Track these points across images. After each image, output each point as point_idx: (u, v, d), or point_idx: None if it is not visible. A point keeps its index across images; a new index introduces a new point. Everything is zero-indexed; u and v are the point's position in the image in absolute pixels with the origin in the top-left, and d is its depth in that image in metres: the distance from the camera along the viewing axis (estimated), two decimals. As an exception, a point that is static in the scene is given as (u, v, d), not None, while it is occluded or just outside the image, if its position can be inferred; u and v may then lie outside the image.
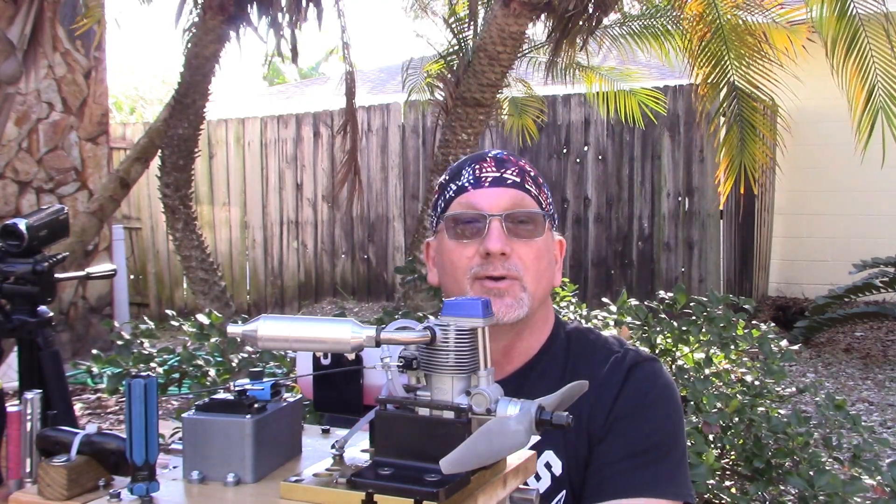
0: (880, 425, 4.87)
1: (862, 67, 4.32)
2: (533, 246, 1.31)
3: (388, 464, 0.84)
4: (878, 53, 4.32)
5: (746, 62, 4.66)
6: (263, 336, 0.88)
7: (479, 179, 1.33)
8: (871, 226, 8.14)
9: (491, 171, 1.34)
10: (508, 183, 1.33)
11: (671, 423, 1.33)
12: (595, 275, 7.87)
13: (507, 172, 1.34)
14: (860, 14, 4.31)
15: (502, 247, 1.28)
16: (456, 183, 1.36)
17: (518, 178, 1.34)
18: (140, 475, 0.83)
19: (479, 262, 1.30)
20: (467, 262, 1.31)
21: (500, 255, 1.29)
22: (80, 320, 7.43)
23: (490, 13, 4.77)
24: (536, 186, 1.36)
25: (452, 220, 1.33)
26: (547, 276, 1.35)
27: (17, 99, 5.85)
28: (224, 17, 4.81)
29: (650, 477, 1.27)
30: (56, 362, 1.80)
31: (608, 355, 1.37)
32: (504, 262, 1.29)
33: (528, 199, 1.33)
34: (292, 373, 2.79)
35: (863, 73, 4.32)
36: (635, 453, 1.28)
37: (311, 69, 22.14)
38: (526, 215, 1.32)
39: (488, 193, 1.32)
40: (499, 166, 1.34)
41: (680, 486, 1.29)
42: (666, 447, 1.30)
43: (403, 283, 4.86)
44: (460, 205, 1.33)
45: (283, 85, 16.95)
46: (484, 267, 1.30)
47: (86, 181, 7.39)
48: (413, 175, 8.63)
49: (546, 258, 1.34)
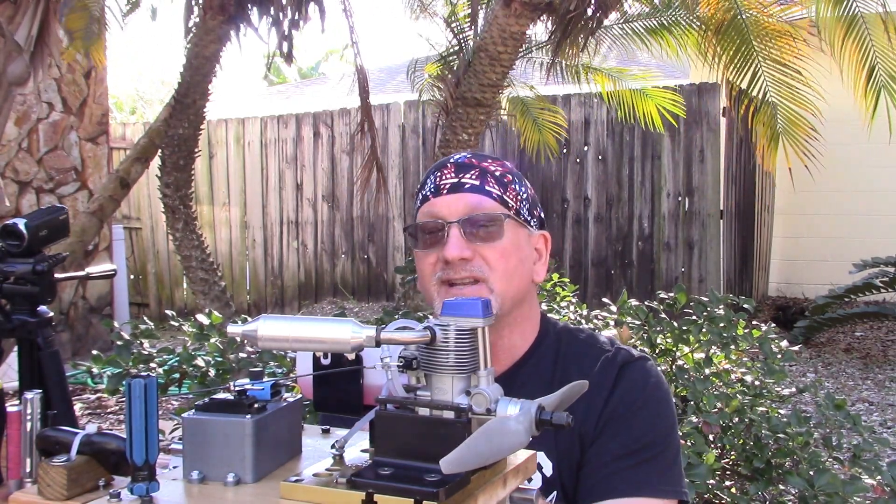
0: (880, 425, 4.87)
1: (861, 47, 4.37)
2: (496, 247, 1.32)
3: (388, 464, 0.84)
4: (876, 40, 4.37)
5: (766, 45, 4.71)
6: (263, 336, 0.88)
7: (438, 187, 1.36)
8: (871, 226, 8.13)
9: (449, 177, 1.36)
10: (466, 188, 1.34)
11: (664, 422, 1.33)
12: (595, 275, 7.87)
13: (465, 177, 1.35)
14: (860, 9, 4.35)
15: (459, 253, 1.30)
16: (422, 192, 1.39)
17: (477, 182, 1.35)
18: (140, 475, 0.83)
19: (441, 267, 1.32)
20: (431, 268, 1.34)
21: (461, 261, 1.30)
22: (80, 320, 7.43)
23: (491, 13, 4.77)
24: (501, 186, 1.36)
25: (418, 230, 1.36)
26: (519, 274, 1.35)
27: (17, 99, 5.85)
28: (224, 17, 4.80)
29: (644, 476, 1.27)
30: (56, 362, 1.80)
31: (599, 355, 1.37)
32: (465, 266, 1.31)
33: (488, 201, 1.34)
34: (292, 373, 2.79)
35: (863, 54, 4.37)
36: (629, 453, 1.29)
37: (311, 69, 22.14)
38: (484, 217, 1.32)
39: (447, 200, 1.34)
40: (458, 171, 1.36)
41: (674, 485, 1.30)
42: (659, 446, 1.30)
43: (403, 283, 4.86)
44: (423, 214, 1.37)
45: (283, 85, 16.96)
46: (447, 272, 1.32)
47: (86, 181, 7.39)
48: (413, 175, 8.63)
49: (515, 256, 1.35)
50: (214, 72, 5.13)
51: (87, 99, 7.41)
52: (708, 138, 7.34)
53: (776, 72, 4.72)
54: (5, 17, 3.48)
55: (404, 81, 7.47)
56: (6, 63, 3.49)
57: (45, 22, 3.63)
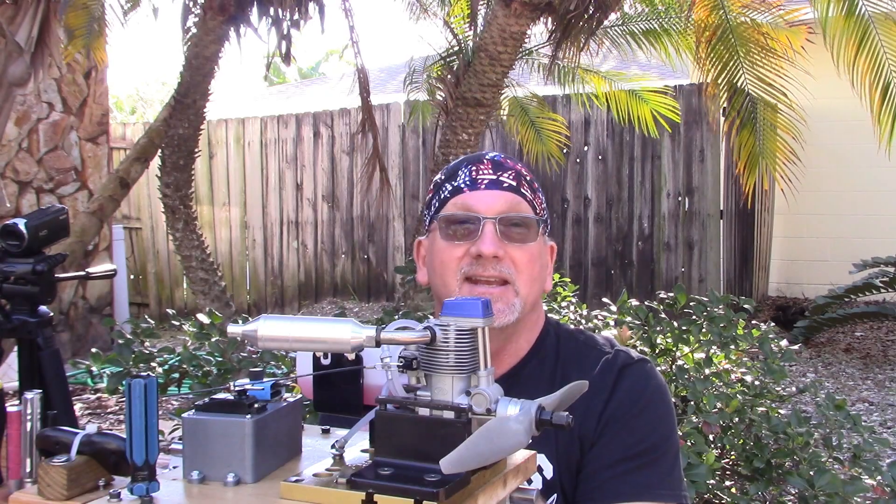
0: (880, 425, 4.87)
1: (875, 62, 4.28)
2: (526, 250, 1.31)
3: (388, 464, 0.84)
4: (890, 50, 4.29)
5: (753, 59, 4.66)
6: (264, 336, 0.88)
7: (475, 181, 1.33)
8: (871, 226, 8.13)
9: (488, 173, 1.33)
10: (505, 186, 1.32)
11: (664, 426, 1.33)
12: (595, 275, 7.87)
13: (503, 175, 1.33)
14: (869, 13, 4.28)
15: (495, 250, 1.28)
16: (452, 183, 1.35)
17: (514, 182, 1.33)
18: (140, 475, 0.84)
19: (469, 262, 1.30)
20: (457, 262, 1.31)
21: (492, 258, 1.28)
22: (80, 320, 7.43)
23: (490, 13, 4.77)
24: (532, 191, 1.35)
25: (446, 221, 1.33)
26: (540, 280, 1.35)
27: (17, 99, 5.85)
28: (224, 17, 4.81)
29: (644, 480, 1.27)
30: (56, 362, 1.80)
31: (599, 357, 1.36)
32: (495, 264, 1.29)
33: (524, 203, 1.33)
34: (292, 373, 2.79)
35: (877, 69, 4.29)
36: (629, 457, 1.28)
37: (311, 69, 22.14)
38: (521, 219, 1.31)
39: (484, 196, 1.32)
40: (496, 169, 1.34)
41: (674, 489, 1.29)
42: (659, 450, 1.30)
43: (403, 283, 4.86)
44: (455, 205, 1.33)
45: (283, 85, 16.95)
46: (474, 268, 1.29)
47: (86, 181, 7.39)
48: (413, 175, 8.63)
49: (539, 262, 1.34)
50: (214, 72, 5.13)
51: (87, 99, 7.41)
52: (708, 138, 7.34)
53: (762, 91, 4.66)
54: (6, 17, 3.49)
55: (405, 81, 7.46)
56: (7, 63, 3.50)
57: (45, 22, 3.64)
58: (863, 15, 4.27)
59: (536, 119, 6.93)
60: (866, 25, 4.27)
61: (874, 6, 4.28)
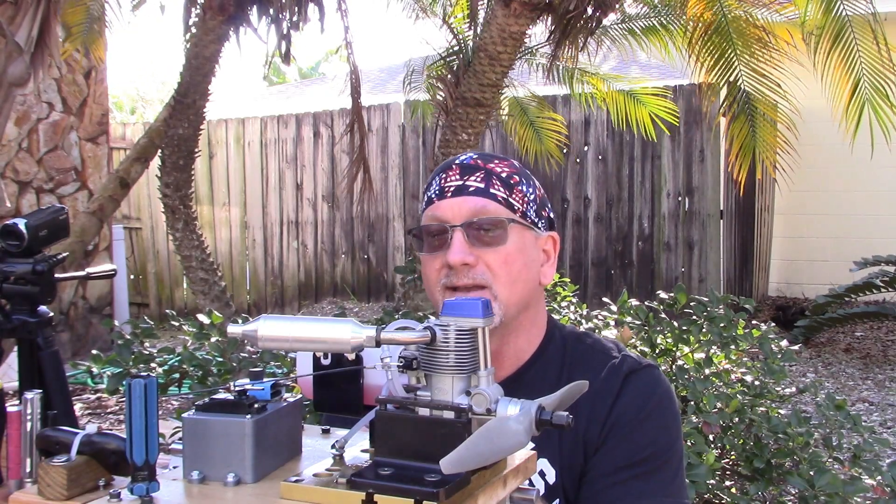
0: (880, 425, 4.87)
1: (848, 60, 4.37)
2: (500, 252, 1.29)
3: (388, 464, 0.84)
4: (863, 48, 4.36)
5: (750, 54, 4.69)
6: (264, 336, 0.88)
7: (442, 190, 1.32)
8: (871, 226, 8.13)
9: (454, 179, 1.32)
10: (471, 191, 1.30)
11: (668, 433, 1.31)
12: (595, 275, 7.88)
13: (470, 179, 1.31)
14: (847, 12, 4.35)
15: (463, 257, 1.27)
16: (427, 194, 1.36)
17: (482, 185, 1.31)
18: (140, 475, 0.83)
19: (446, 273, 1.29)
20: (437, 274, 1.30)
21: (464, 266, 1.27)
22: (80, 320, 7.43)
23: (490, 13, 4.77)
24: (507, 188, 1.32)
25: (423, 233, 1.33)
26: (524, 279, 1.32)
27: (17, 99, 5.85)
28: (224, 17, 4.81)
29: (648, 488, 1.26)
30: (56, 362, 1.80)
31: (605, 361, 1.34)
32: (468, 271, 1.28)
33: (493, 204, 1.30)
34: (292, 373, 2.79)
35: (848, 66, 4.37)
36: (633, 463, 1.27)
37: (310, 69, 22.14)
38: (489, 222, 1.29)
39: (451, 203, 1.30)
40: (463, 174, 1.32)
41: (677, 496, 1.28)
42: (663, 457, 1.29)
43: (403, 283, 4.87)
44: (428, 217, 1.33)
45: (283, 85, 16.95)
46: (450, 278, 1.29)
47: (86, 181, 7.39)
48: (413, 175, 8.64)
49: (519, 261, 1.31)
50: (214, 72, 5.13)
51: (87, 99, 7.41)
52: (708, 138, 7.34)
53: (756, 82, 4.70)
54: (6, 17, 3.49)
55: (404, 81, 7.46)
56: (6, 64, 3.49)
57: (45, 22, 3.63)
58: (841, 14, 4.33)
59: (536, 119, 6.93)
60: (843, 23, 4.33)
61: (852, 6, 4.36)
